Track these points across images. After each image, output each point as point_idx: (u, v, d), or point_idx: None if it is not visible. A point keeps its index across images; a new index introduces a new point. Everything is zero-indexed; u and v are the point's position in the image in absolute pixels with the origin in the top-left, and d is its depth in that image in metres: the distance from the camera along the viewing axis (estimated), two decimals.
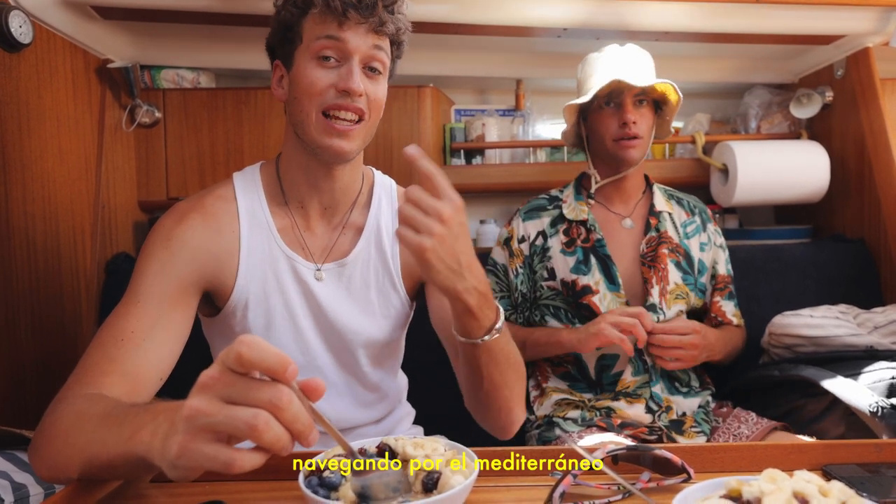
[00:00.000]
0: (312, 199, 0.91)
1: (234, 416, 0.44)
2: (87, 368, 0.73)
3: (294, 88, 0.85)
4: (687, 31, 1.53)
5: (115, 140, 1.54)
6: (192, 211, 0.87)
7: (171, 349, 0.79)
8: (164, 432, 0.50)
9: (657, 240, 1.25)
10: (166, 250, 0.83)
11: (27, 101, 1.24)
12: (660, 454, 0.62)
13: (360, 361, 0.96)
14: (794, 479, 0.49)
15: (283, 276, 0.90)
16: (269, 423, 0.44)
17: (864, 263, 1.55)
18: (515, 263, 1.27)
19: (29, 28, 1.20)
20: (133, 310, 0.78)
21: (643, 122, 1.21)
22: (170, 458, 0.47)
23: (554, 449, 0.68)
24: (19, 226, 1.23)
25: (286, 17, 0.85)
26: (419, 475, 0.56)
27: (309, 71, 0.83)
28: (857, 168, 1.61)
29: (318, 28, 0.83)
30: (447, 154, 1.77)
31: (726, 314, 1.30)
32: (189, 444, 0.46)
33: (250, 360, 0.45)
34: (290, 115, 0.88)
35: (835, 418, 1.17)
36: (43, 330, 1.28)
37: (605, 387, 1.20)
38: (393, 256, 0.95)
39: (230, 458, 0.45)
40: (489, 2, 1.38)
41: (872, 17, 1.46)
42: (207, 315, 0.94)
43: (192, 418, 0.45)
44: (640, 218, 1.28)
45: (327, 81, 0.82)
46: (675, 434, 1.15)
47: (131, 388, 0.72)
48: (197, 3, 1.33)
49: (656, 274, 1.22)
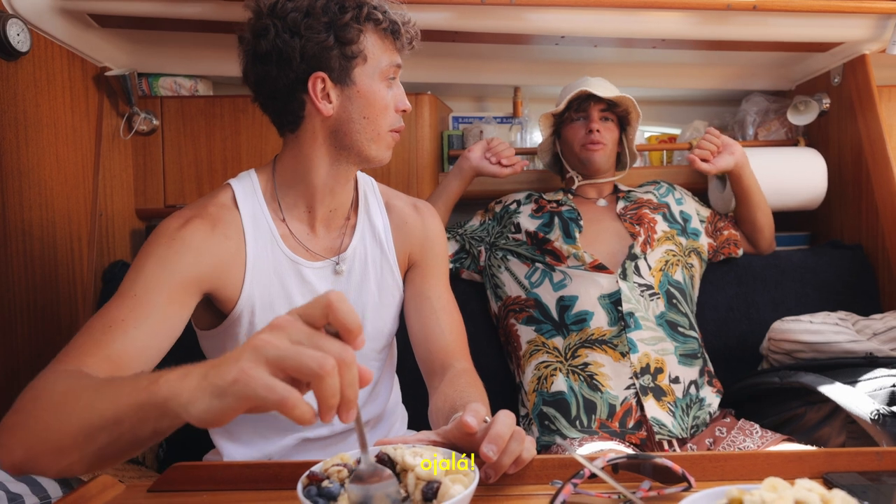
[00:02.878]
0: (324, 203, 0.94)
1: (304, 354, 0.44)
2: (69, 351, 0.71)
3: (364, 107, 0.89)
4: (684, 39, 1.54)
5: (113, 148, 1.54)
6: (197, 217, 0.86)
7: (161, 342, 0.78)
8: (203, 373, 0.48)
9: (634, 206, 1.40)
10: (169, 249, 0.82)
11: (24, 110, 1.24)
12: (660, 463, 0.62)
13: (366, 356, 0.98)
14: (795, 487, 0.49)
15: (287, 281, 0.91)
16: (334, 370, 0.44)
17: (862, 270, 1.55)
18: (485, 217, 1.46)
19: (27, 36, 1.20)
20: (126, 300, 0.77)
21: (607, 133, 1.41)
22: (223, 383, 0.45)
23: (554, 458, 0.67)
24: (16, 234, 1.22)
25: (341, 27, 0.84)
26: (418, 485, 0.55)
27: (383, 93, 0.90)
28: (855, 175, 1.61)
29: (386, 54, 0.90)
30: (445, 161, 1.77)
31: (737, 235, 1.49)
32: (251, 371, 0.44)
33: (339, 310, 0.45)
34: (347, 130, 0.89)
35: (835, 426, 1.16)
36: (39, 338, 1.27)
37: (570, 328, 1.24)
38: (388, 244, 1.00)
39: (288, 392, 0.43)
40: (487, 10, 1.38)
41: (869, 24, 1.47)
42: (207, 327, 0.93)
43: (262, 348, 0.45)
44: (612, 198, 1.46)
45: (392, 102, 0.91)
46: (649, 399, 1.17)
47: (112, 372, 0.70)
48: (194, 11, 1.33)
49: (643, 227, 1.34)
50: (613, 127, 1.43)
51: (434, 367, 0.96)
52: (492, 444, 0.59)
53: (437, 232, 1.05)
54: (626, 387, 1.18)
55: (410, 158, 1.65)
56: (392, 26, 0.88)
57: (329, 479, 0.56)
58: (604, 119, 1.42)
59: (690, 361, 1.24)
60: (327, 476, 0.56)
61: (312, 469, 0.57)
